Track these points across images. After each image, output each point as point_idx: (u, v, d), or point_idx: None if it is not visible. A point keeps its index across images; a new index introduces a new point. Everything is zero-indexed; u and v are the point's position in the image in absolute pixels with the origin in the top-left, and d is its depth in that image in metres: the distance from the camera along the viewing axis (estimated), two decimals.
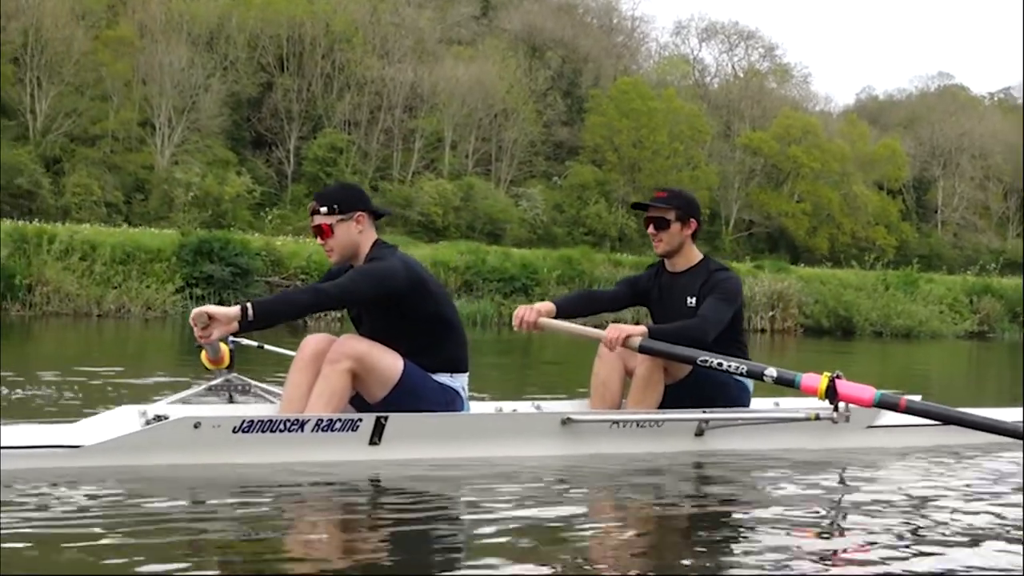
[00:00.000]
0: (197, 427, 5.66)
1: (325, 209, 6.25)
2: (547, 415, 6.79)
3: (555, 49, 77.46)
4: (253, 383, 7.07)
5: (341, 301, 6.11)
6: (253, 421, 5.77)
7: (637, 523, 5.15)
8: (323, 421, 5.89)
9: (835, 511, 5.57)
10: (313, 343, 6.23)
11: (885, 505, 5.60)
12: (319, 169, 60.19)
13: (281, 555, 4.28)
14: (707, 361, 6.33)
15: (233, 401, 7.08)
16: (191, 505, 5.01)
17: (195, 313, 5.58)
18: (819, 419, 6.66)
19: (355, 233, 6.28)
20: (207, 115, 60.37)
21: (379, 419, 6.02)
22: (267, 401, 6.91)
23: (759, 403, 7.61)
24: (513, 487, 5.62)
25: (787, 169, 75.63)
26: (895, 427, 7.42)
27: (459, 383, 6.40)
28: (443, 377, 6.32)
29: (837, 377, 5.98)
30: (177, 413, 6.11)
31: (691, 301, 7.03)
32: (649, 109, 70.83)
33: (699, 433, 6.90)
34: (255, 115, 65.75)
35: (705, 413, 6.89)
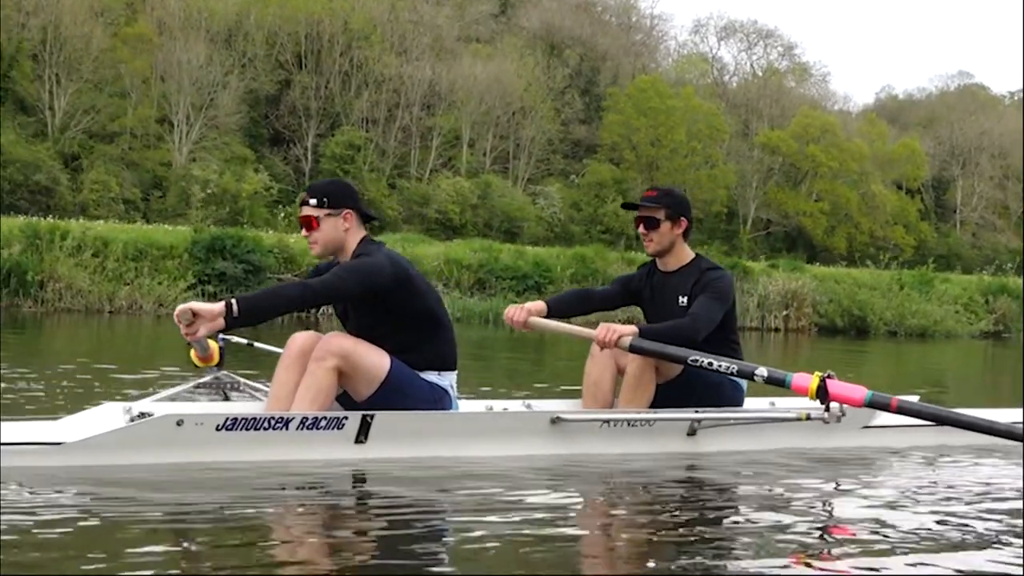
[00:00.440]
0: (180, 425, 5.60)
1: (315, 201, 6.24)
2: (536, 414, 6.72)
3: (573, 47, 77.32)
4: (242, 380, 6.99)
5: (327, 297, 6.05)
6: (237, 419, 5.71)
7: (627, 524, 5.11)
8: (308, 419, 5.83)
9: (829, 512, 5.55)
10: (300, 340, 6.19)
11: (880, 506, 5.58)
12: (337, 167, 60.05)
13: (265, 555, 4.23)
14: (698, 361, 6.29)
15: (228, 399, 7.00)
16: (173, 504, 4.95)
17: (179, 310, 5.53)
18: (810, 419, 6.60)
19: (341, 230, 6.25)
20: (225, 112, 60.39)
21: (365, 417, 5.97)
22: (256, 399, 6.83)
23: (756, 403, 7.56)
24: (501, 487, 5.58)
25: (805, 168, 75.36)
26: (890, 427, 7.37)
27: (447, 381, 6.35)
28: (431, 375, 6.28)
29: (828, 377, 5.94)
30: (162, 411, 6.02)
31: (683, 300, 7.00)
32: (667, 107, 70.64)
33: (691, 433, 6.85)
34: (273, 112, 65.75)
35: (697, 413, 6.83)
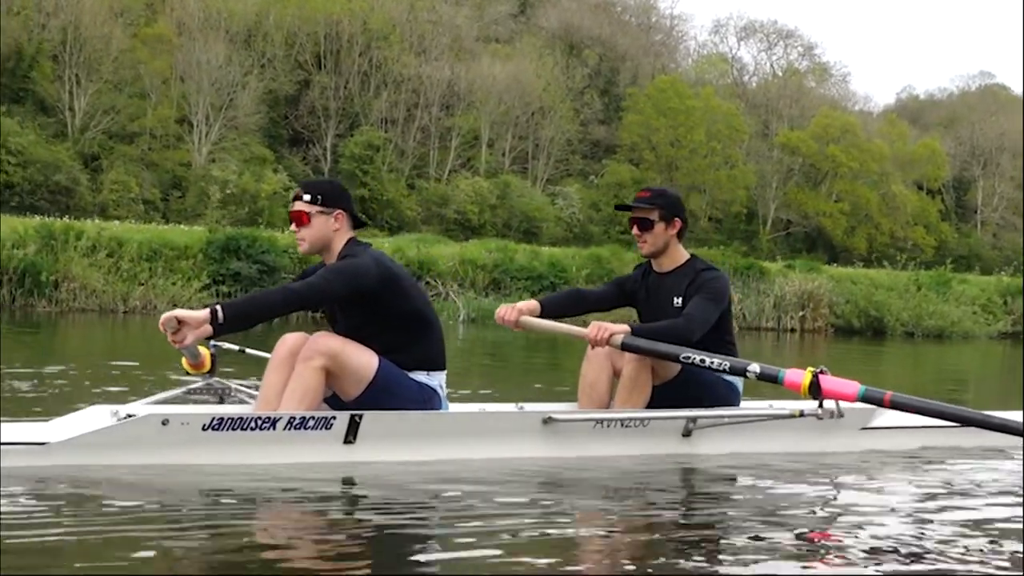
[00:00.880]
0: (165, 424, 5.56)
1: (308, 197, 6.21)
2: (528, 414, 6.66)
3: (592, 47, 77.26)
4: (234, 386, 6.87)
5: (313, 300, 6.03)
6: (223, 419, 5.67)
7: (621, 525, 5.07)
8: (296, 419, 5.78)
9: (826, 513, 5.50)
10: (289, 342, 6.15)
11: (878, 507, 5.55)
12: (356, 167, 60.12)
13: (251, 557, 4.19)
14: (690, 358, 6.27)
15: (224, 402, 6.88)
16: (157, 505, 4.91)
17: (164, 318, 5.46)
18: (803, 416, 6.54)
19: (330, 229, 6.22)
20: (244, 113, 60.52)
21: (354, 417, 5.92)
22: (247, 402, 6.73)
23: (755, 404, 7.50)
24: (491, 488, 5.55)
25: (825, 169, 75.13)
26: (889, 429, 7.32)
27: (436, 381, 6.31)
28: (420, 375, 6.23)
29: (821, 372, 5.90)
30: (152, 411, 5.92)
31: (678, 301, 6.95)
32: (687, 108, 70.55)
33: (686, 433, 6.81)
34: (292, 113, 65.89)
35: (695, 412, 6.79)
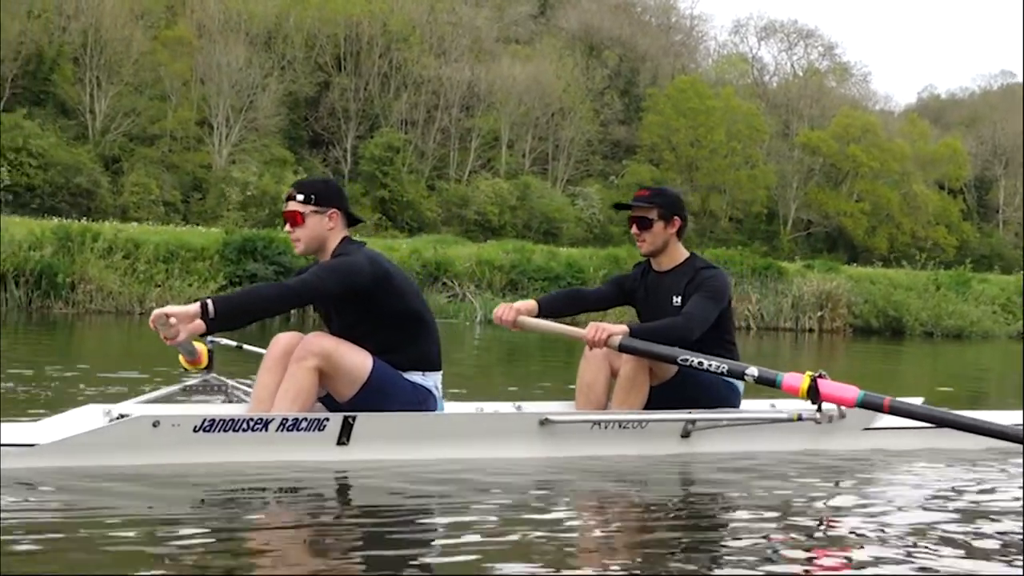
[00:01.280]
0: (156, 426, 5.49)
1: (301, 197, 6.14)
2: (524, 415, 6.58)
3: (612, 48, 77.26)
4: (230, 383, 6.82)
5: (305, 297, 5.92)
6: (215, 420, 5.59)
7: (617, 528, 4.99)
8: (288, 420, 5.71)
9: (827, 515, 5.42)
10: (283, 341, 6.08)
11: (880, 507, 5.50)
12: (376, 168, 60.21)
13: (242, 560, 4.11)
14: (688, 360, 6.18)
15: (215, 400, 6.86)
16: (146, 507, 4.84)
17: (154, 315, 5.37)
18: (802, 419, 6.50)
19: (325, 228, 6.15)
20: (264, 114, 60.69)
21: (347, 418, 5.85)
22: (243, 401, 6.66)
23: (756, 405, 7.43)
24: (486, 490, 5.48)
25: (846, 168, 74.95)
26: (892, 429, 7.23)
27: (432, 382, 6.23)
28: (415, 376, 6.15)
29: (820, 377, 5.80)
30: (144, 412, 5.88)
31: (677, 300, 6.88)
32: (707, 108, 70.52)
33: (685, 435, 6.72)
34: (312, 114, 66.02)
35: (690, 414, 6.71)
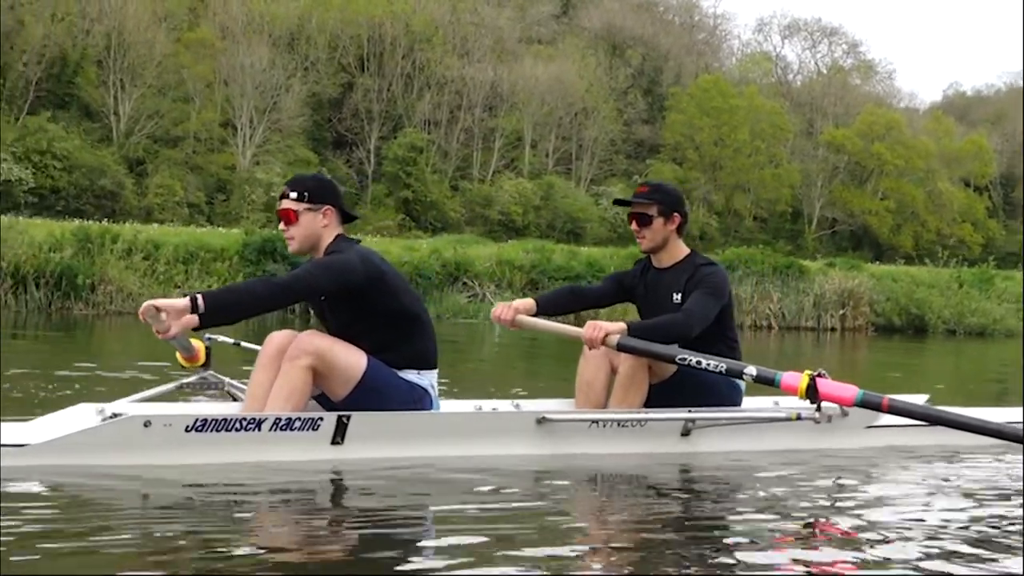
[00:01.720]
0: (147, 426, 5.44)
1: (295, 195, 6.07)
2: (520, 414, 6.55)
3: (635, 47, 77.34)
4: (227, 381, 6.70)
5: (295, 293, 5.85)
6: (207, 420, 5.56)
7: (616, 527, 4.92)
8: (282, 420, 5.67)
9: (827, 514, 5.36)
10: (277, 340, 6.03)
11: (882, 505, 5.47)
12: (399, 169, 60.37)
13: (234, 561, 4.02)
14: (686, 359, 6.14)
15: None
16: (137, 508, 4.83)
17: (143, 307, 5.29)
18: (800, 419, 6.43)
19: (319, 226, 6.08)
20: (288, 115, 60.93)
21: (341, 418, 5.81)
22: (239, 400, 6.57)
23: (760, 403, 7.38)
24: (482, 490, 5.42)
25: (871, 166, 74.91)
26: (895, 427, 7.16)
27: (427, 380, 6.18)
28: (410, 374, 6.11)
29: (819, 376, 5.78)
30: (134, 411, 5.82)
31: (677, 297, 6.84)
32: (730, 107, 70.57)
33: (685, 433, 6.68)
34: (336, 115, 66.23)
35: (690, 412, 6.66)
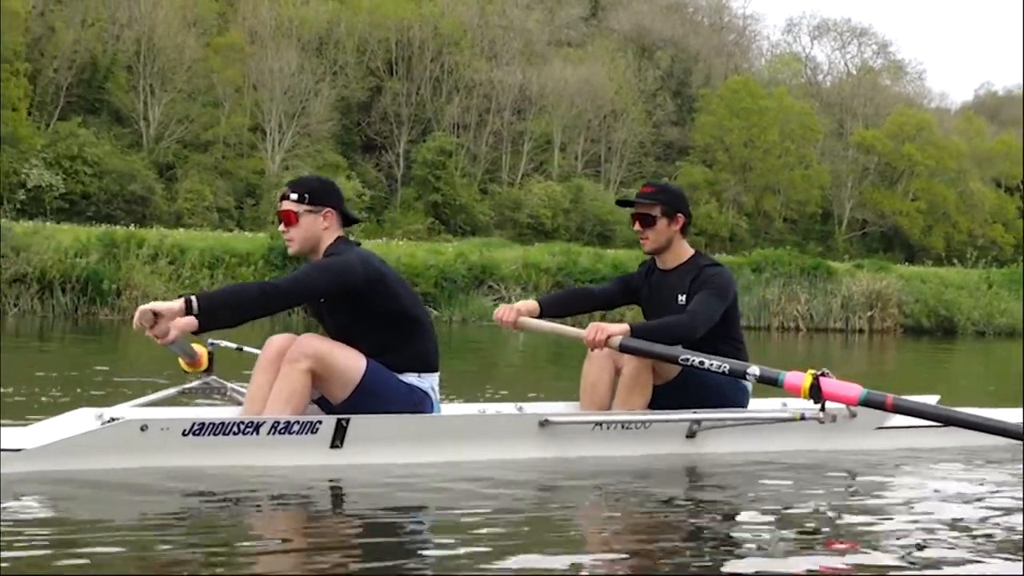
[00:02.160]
0: (144, 430, 5.41)
1: (296, 196, 6.04)
2: (523, 416, 6.52)
3: (664, 49, 77.12)
4: (229, 385, 6.67)
5: (294, 295, 5.80)
6: (204, 423, 5.53)
7: (619, 531, 4.87)
8: (280, 423, 5.63)
9: (833, 515, 5.32)
10: (277, 343, 5.99)
11: (891, 507, 5.46)
12: (428, 172, 60.33)
13: (232, 566, 4.01)
14: (688, 360, 6.10)
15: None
16: (134, 512, 4.79)
17: (139, 312, 5.31)
18: (804, 419, 6.38)
19: (319, 228, 6.04)
20: (317, 120, 61.00)
21: (340, 421, 5.76)
22: (240, 404, 6.51)
23: (767, 403, 7.33)
24: (484, 494, 5.40)
25: (901, 167, 74.47)
26: (905, 428, 7.10)
27: (428, 383, 6.14)
28: (411, 377, 6.06)
29: (822, 375, 5.73)
30: (135, 415, 5.79)
31: (681, 299, 6.80)
32: (760, 108, 70.28)
33: (690, 435, 6.62)
34: (365, 119, 66.27)
35: (696, 413, 6.60)
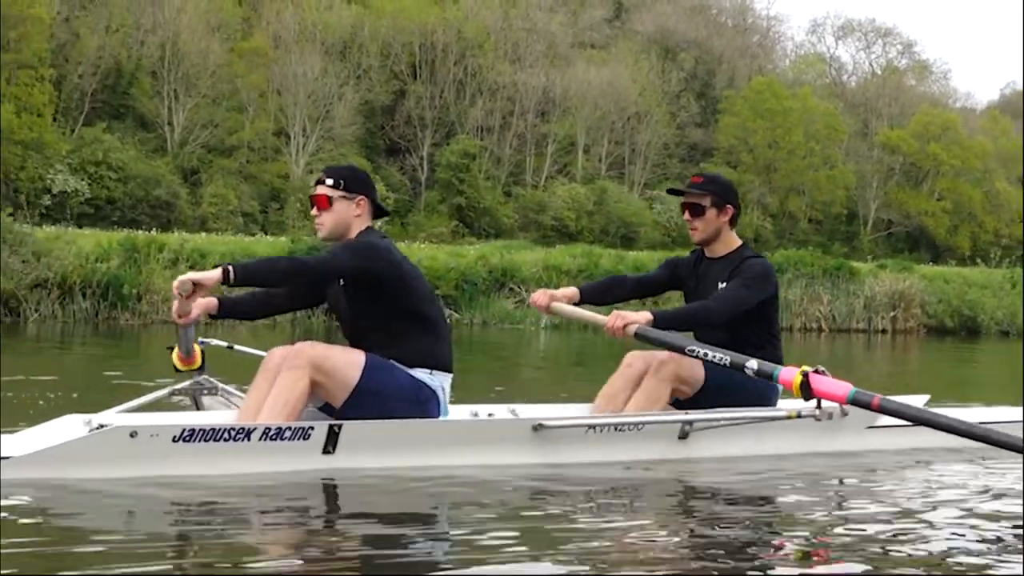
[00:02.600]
0: (133, 436, 5.37)
1: (331, 182, 6.16)
2: (516, 421, 6.54)
3: (688, 50, 76.96)
4: (221, 386, 6.64)
5: (321, 271, 6.00)
6: (195, 430, 5.50)
7: (611, 535, 4.85)
8: (271, 430, 5.62)
9: (827, 515, 5.36)
10: (278, 355, 6.02)
11: (883, 506, 5.47)
12: (452, 175, 60.31)
13: (220, 574, 4.01)
14: (695, 351, 6.09)
15: (201, 407, 6.62)
16: (122, 521, 4.79)
17: (179, 280, 5.49)
18: (800, 417, 6.34)
19: (351, 215, 6.17)
20: (341, 124, 60.99)
21: (332, 427, 5.75)
22: (233, 406, 6.51)
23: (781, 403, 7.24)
24: (477, 498, 5.40)
25: (926, 167, 74.17)
26: (896, 428, 7.07)
27: (439, 382, 6.15)
28: (421, 372, 6.10)
29: (815, 372, 5.70)
30: (120, 422, 5.77)
31: (721, 287, 6.81)
32: (784, 109, 70.07)
33: (683, 436, 6.59)
34: (388, 123, 66.24)
35: (688, 414, 6.59)
